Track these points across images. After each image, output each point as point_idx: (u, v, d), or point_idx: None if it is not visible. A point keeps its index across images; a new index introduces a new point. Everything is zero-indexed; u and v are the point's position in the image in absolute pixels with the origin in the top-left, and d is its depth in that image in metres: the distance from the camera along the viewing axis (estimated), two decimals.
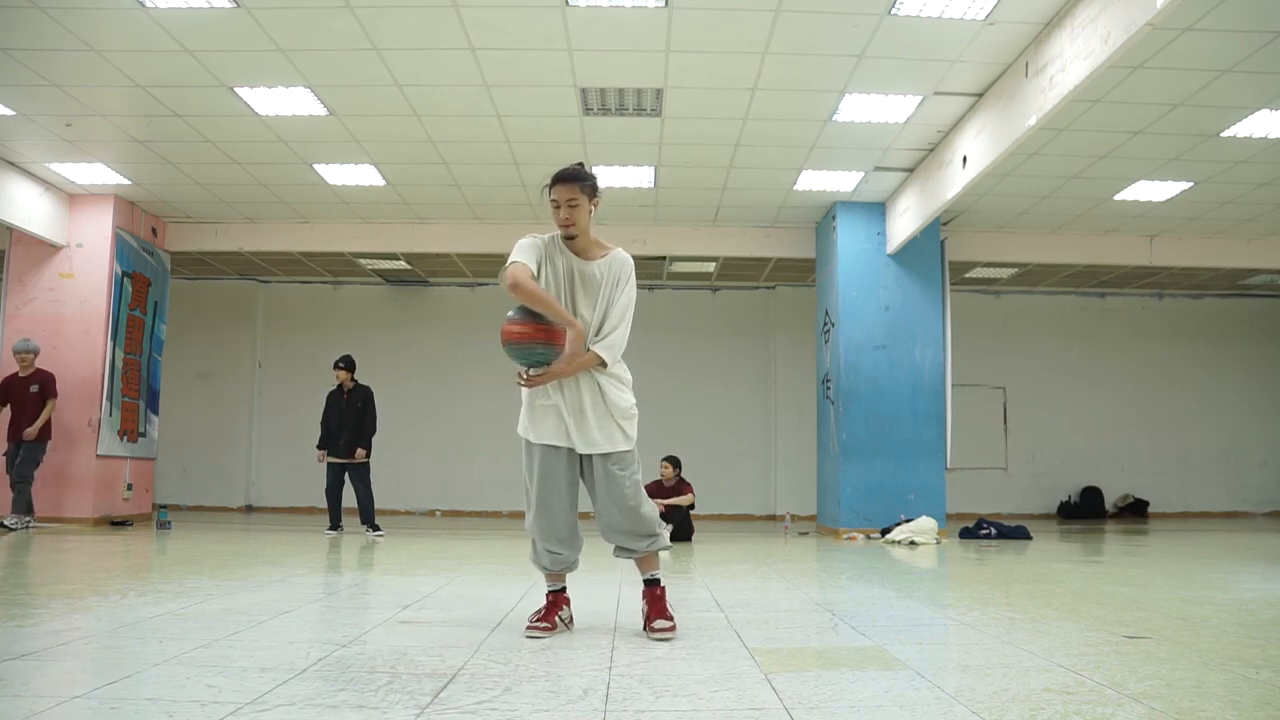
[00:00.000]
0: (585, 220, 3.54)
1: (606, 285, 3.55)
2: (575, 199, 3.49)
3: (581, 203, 3.50)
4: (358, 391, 9.18)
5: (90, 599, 4.32)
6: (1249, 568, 6.51)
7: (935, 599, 4.91)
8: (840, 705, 2.52)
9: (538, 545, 3.64)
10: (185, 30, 6.42)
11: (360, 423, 9.06)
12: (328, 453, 9.07)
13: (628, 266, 3.60)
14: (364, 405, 9.11)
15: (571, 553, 3.65)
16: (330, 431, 9.09)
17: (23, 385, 9.14)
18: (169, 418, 12.26)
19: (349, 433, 9.02)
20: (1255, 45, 6.25)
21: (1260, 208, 9.89)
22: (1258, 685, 2.76)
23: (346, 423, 9.04)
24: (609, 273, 3.55)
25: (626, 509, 3.55)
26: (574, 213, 3.50)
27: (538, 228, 10.78)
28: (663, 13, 6.16)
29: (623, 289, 3.56)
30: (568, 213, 3.50)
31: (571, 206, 3.49)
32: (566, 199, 3.48)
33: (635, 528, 3.59)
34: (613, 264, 3.57)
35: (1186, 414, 14.23)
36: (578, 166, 3.57)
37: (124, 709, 2.37)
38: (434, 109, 7.79)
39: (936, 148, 8.51)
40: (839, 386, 10.11)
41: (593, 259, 3.57)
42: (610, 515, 3.58)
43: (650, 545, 3.63)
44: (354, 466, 9.05)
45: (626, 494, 3.54)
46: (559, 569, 3.65)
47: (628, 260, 3.62)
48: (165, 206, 10.61)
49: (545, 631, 3.50)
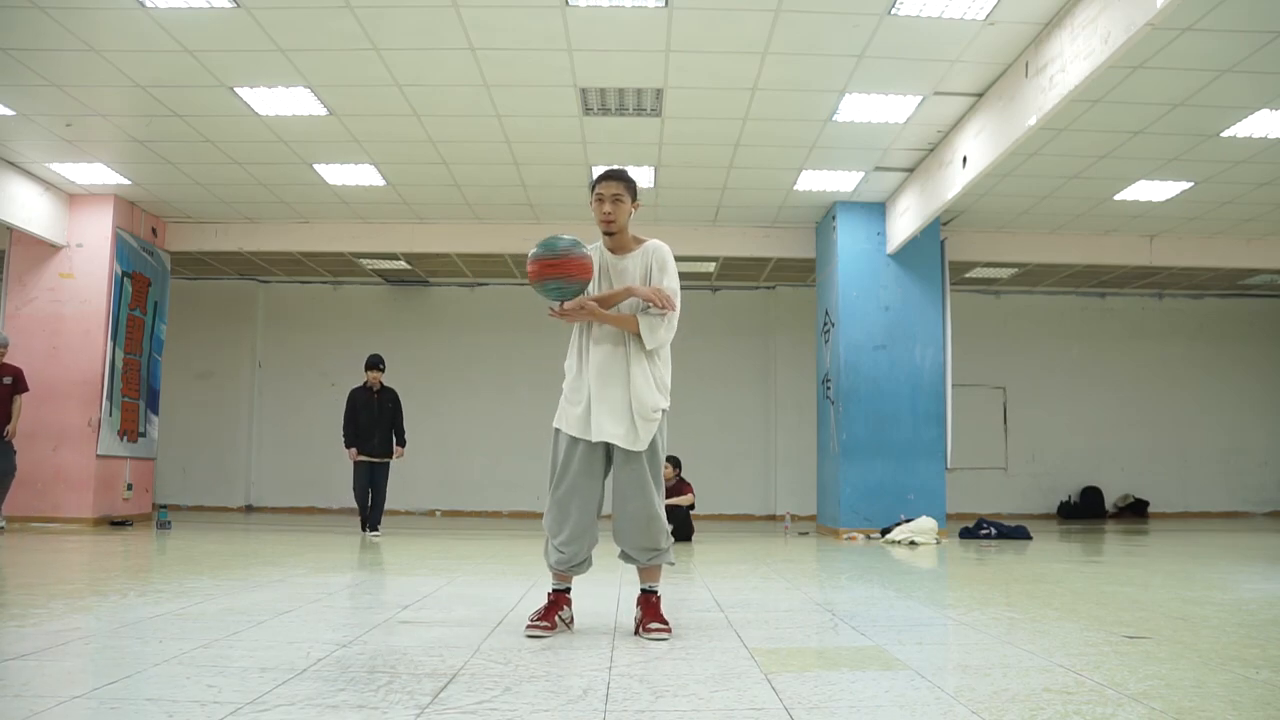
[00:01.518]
0: (624, 218, 3.61)
1: (642, 275, 3.59)
2: (620, 195, 3.58)
3: (625, 199, 3.59)
4: (387, 392, 9.25)
5: (90, 599, 4.32)
6: (1249, 568, 6.51)
7: (935, 599, 4.91)
8: (840, 705, 2.51)
9: (548, 541, 3.61)
10: (185, 30, 6.42)
11: (393, 422, 9.18)
12: (359, 450, 9.07)
13: (662, 252, 3.63)
14: (395, 405, 9.22)
15: (580, 553, 3.57)
16: (360, 430, 9.10)
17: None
18: (169, 418, 12.26)
19: (382, 431, 9.11)
20: (1255, 45, 6.25)
21: (1260, 208, 9.89)
22: (1258, 685, 2.76)
23: (379, 422, 9.10)
24: (643, 263, 3.61)
25: (632, 514, 3.52)
26: (617, 208, 3.58)
27: (537, 228, 10.89)
28: (663, 13, 6.16)
29: (665, 275, 3.58)
30: (611, 207, 3.58)
31: (616, 202, 3.57)
32: (612, 194, 3.57)
33: (640, 538, 3.54)
34: (646, 254, 3.63)
35: (1186, 414, 14.23)
36: (622, 169, 3.68)
37: (124, 709, 2.37)
38: (434, 109, 7.79)
39: (936, 148, 8.51)
40: (839, 386, 10.11)
41: (627, 253, 3.63)
42: (619, 517, 3.57)
43: (652, 559, 3.59)
44: (381, 466, 9.14)
45: (636, 499, 3.51)
46: (563, 568, 3.59)
47: (662, 247, 3.66)
48: (165, 206, 10.61)
49: (545, 631, 3.48)
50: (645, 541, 3.54)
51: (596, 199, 3.60)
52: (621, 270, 3.60)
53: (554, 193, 9.94)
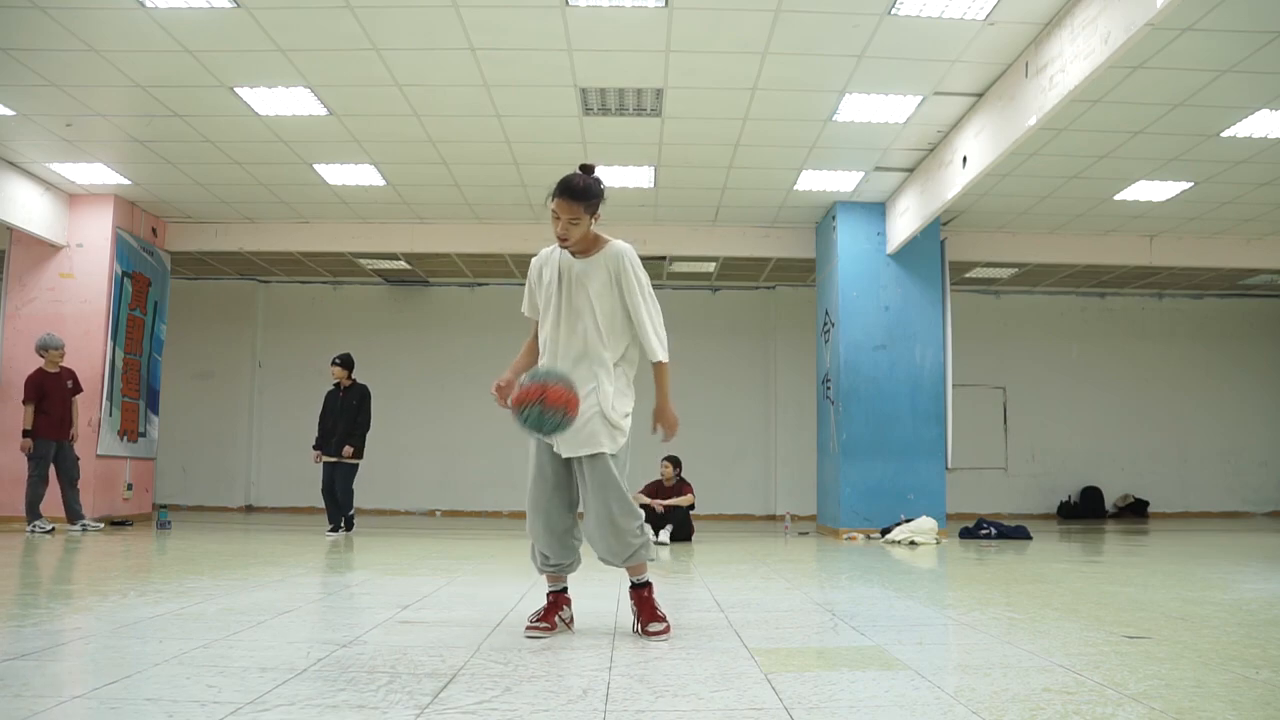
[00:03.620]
0: (579, 236, 3.43)
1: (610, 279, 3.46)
2: (577, 218, 3.38)
3: (582, 220, 3.39)
4: (354, 390, 9.13)
5: (90, 599, 4.32)
6: (1249, 568, 6.50)
7: (935, 599, 4.91)
8: (840, 705, 2.51)
9: (533, 545, 3.60)
10: (185, 30, 6.42)
11: (353, 421, 8.99)
12: (322, 452, 9.04)
13: (625, 257, 3.46)
14: (359, 404, 9.05)
15: (564, 555, 3.55)
16: (325, 431, 9.07)
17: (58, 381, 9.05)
18: (169, 418, 12.26)
19: (341, 430, 8.98)
20: (1255, 45, 6.25)
21: (1260, 208, 9.89)
22: (1258, 685, 2.76)
23: (340, 421, 9.01)
24: (606, 267, 3.46)
25: (599, 518, 3.42)
26: (571, 229, 3.40)
27: (537, 228, 10.90)
28: (663, 13, 6.16)
29: (630, 282, 3.44)
30: (565, 229, 3.40)
31: (572, 224, 3.39)
32: (568, 217, 3.38)
33: (606, 542, 3.45)
34: (607, 258, 3.46)
35: (1186, 414, 14.23)
36: (584, 178, 3.43)
37: (124, 709, 2.37)
38: (434, 109, 7.79)
39: (936, 148, 8.51)
40: (839, 386, 10.11)
41: (589, 255, 3.50)
42: (588, 521, 3.49)
43: (628, 561, 3.50)
44: (340, 466, 8.99)
45: (600, 502, 3.40)
46: (548, 571, 3.58)
47: (624, 250, 3.49)
48: (165, 206, 10.61)
49: (545, 632, 3.48)
50: (613, 545, 3.46)
51: (552, 215, 3.40)
52: (581, 274, 3.46)
53: None
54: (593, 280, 3.46)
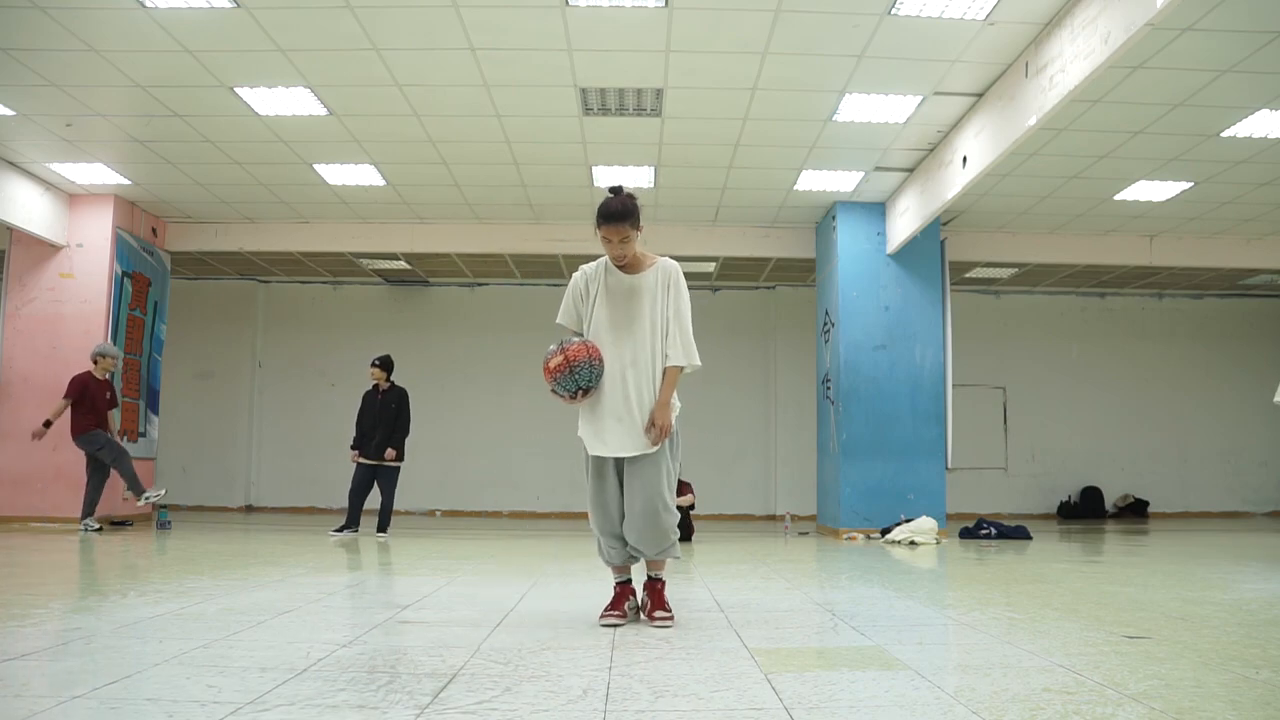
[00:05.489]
0: (633, 250, 3.83)
1: (660, 291, 3.83)
2: (626, 236, 3.77)
3: (631, 237, 3.79)
4: (392, 393, 9.06)
5: (90, 599, 4.32)
6: (1249, 568, 6.51)
7: (935, 599, 4.91)
8: (840, 705, 2.52)
9: (600, 541, 3.92)
10: (185, 30, 6.42)
11: (393, 424, 8.95)
12: (360, 453, 8.97)
13: (675, 272, 3.89)
14: (398, 407, 9.00)
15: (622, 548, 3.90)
16: (364, 432, 9.00)
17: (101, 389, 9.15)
18: (169, 418, 12.26)
19: (381, 433, 8.90)
20: (1255, 45, 6.25)
21: (1260, 208, 9.89)
22: (1258, 685, 2.76)
23: (380, 423, 8.93)
24: (656, 279, 3.86)
25: (640, 511, 3.75)
26: (625, 247, 3.80)
27: (537, 228, 10.90)
28: (663, 13, 6.16)
29: (675, 294, 3.85)
30: (619, 249, 3.80)
31: (623, 244, 3.79)
32: (619, 239, 3.77)
33: (649, 534, 3.78)
34: (659, 271, 3.87)
35: (1186, 414, 14.23)
36: (619, 199, 3.78)
37: (124, 709, 2.37)
38: (434, 109, 7.79)
39: (936, 148, 8.51)
40: (839, 386, 10.11)
41: (642, 271, 3.86)
42: (630, 514, 3.79)
43: (660, 554, 3.85)
44: (383, 469, 8.97)
45: (646, 497, 3.74)
46: (620, 562, 3.93)
47: (674, 266, 3.91)
48: (165, 206, 10.61)
49: (618, 619, 3.76)
50: (656, 536, 3.79)
51: (604, 240, 3.80)
52: (633, 286, 3.84)
53: (554, 193, 9.94)
54: (645, 292, 3.84)
